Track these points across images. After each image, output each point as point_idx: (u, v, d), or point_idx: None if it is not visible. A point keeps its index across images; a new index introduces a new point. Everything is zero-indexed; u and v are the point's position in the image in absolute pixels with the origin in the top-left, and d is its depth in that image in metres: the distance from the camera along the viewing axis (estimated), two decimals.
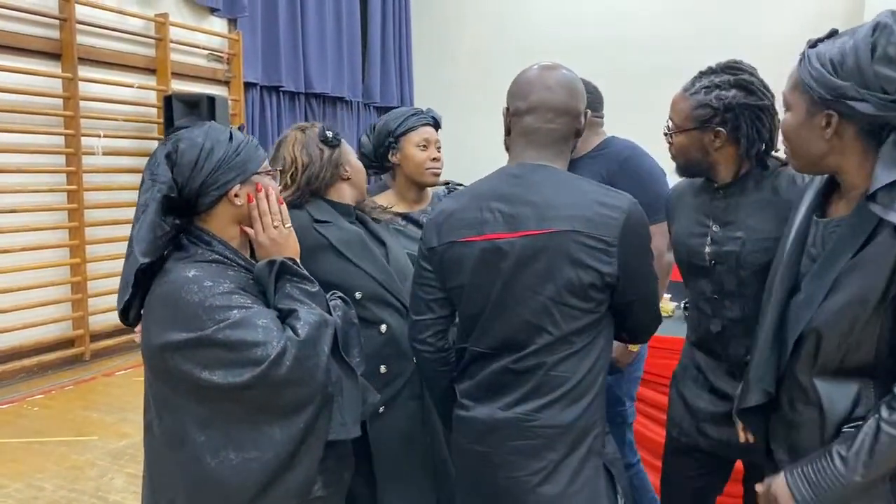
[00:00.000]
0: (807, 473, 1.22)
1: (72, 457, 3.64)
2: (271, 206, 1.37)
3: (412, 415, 1.75)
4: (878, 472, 1.16)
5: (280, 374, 1.23)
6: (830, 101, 1.18)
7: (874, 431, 1.15)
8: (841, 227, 1.25)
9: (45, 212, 5.07)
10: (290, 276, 1.35)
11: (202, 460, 1.26)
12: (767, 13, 7.32)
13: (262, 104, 7.01)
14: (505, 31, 8.72)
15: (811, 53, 1.22)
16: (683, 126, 1.65)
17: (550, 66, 1.50)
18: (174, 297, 1.27)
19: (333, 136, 1.81)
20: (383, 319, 1.71)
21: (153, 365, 1.32)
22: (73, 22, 5.05)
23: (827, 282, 1.21)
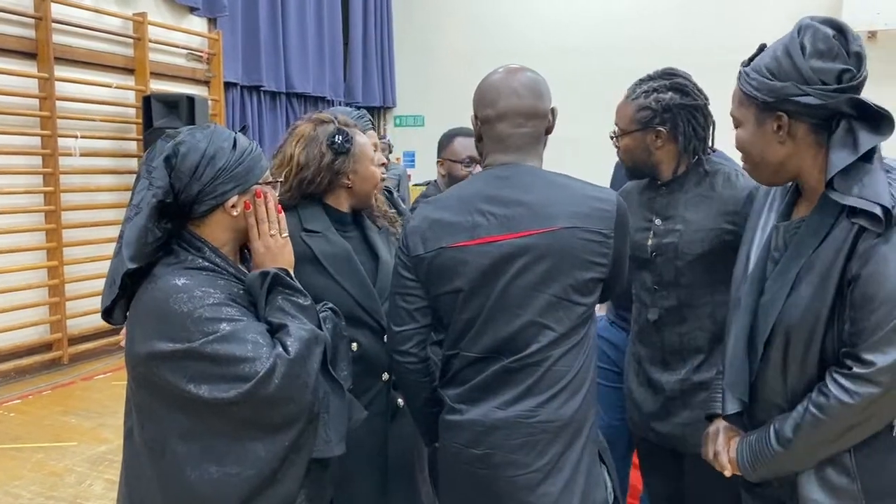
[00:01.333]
0: (751, 442, 1.33)
1: (49, 463, 3.58)
2: (269, 214, 1.34)
3: (374, 431, 1.72)
4: (801, 446, 1.24)
5: (268, 392, 1.20)
6: (777, 103, 1.23)
7: (804, 410, 1.24)
8: (801, 227, 1.29)
9: (21, 214, 5.00)
10: (282, 289, 1.31)
11: (182, 472, 1.23)
12: (747, 15, 7.40)
13: (243, 104, 6.97)
14: (486, 31, 8.74)
15: (747, 69, 1.30)
16: (628, 129, 1.77)
17: (514, 70, 1.50)
18: (162, 305, 1.24)
19: (343, 142, 1.70)
20: (355, 338, 1.66)
21: (137, 373, 1.28)
22: (48, 21, 4.98)
23: (788, 280, 1.25)
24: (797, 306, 1.24)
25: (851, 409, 1.18)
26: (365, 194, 1.77)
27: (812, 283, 1.22)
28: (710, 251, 1.69)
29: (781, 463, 1.28)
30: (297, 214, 1.70)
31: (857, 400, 1.18)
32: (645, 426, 1.83)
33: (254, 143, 1.37)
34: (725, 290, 1.71)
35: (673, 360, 1.77)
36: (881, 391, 1.16)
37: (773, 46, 1.28)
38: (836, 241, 1.20)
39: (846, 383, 1.19)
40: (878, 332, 1.16)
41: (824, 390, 1.21)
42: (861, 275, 1.17)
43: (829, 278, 1.20)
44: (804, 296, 1.23)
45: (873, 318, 1.16)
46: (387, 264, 1.76)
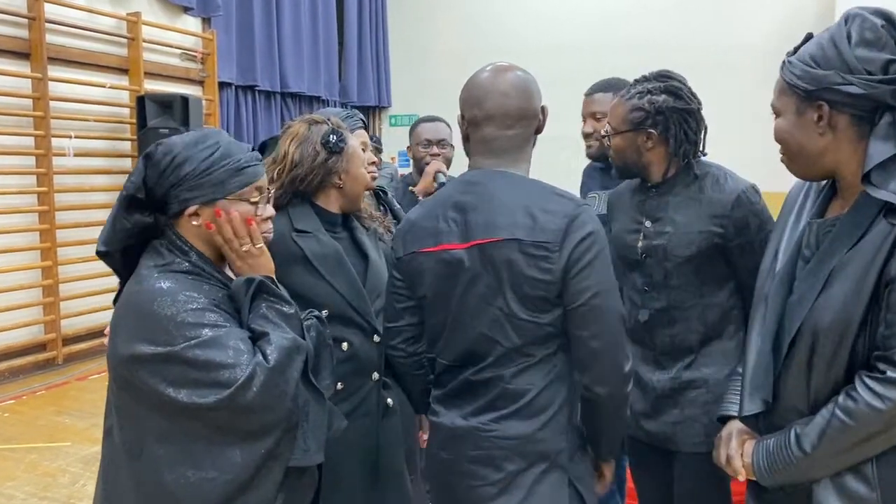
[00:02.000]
0: (768, 446, 1.28)
1: (43, 464, 3.59)
2: (237, 230, 1.33)
3: (365, 431, 1.74)
4: (824, 452, 1.19)
5: (246, 400, 1.21)
6: (819, 91, 1.20)
7: (830, 414, 1.19)
8: (836, 225, 1.25)
9: (14, 214, 4.99)
10: (266, 296, 1.32)
11: (159, 474, 1.24)
12: (741, 14, 7.42)
13: (238, 104, 6.96)
14: (480, 31, 8.74)
15: (791, 58, 1.26)
16: (620, 129, 1.78)
17: (502, 68, 1.46)
18: (146, 307, 1.25)
19: (337, 142, 1.72)
20: (346, 338, 1.68)
21: (118, 374, 1.29)
22: (42, 21, 4.97)
23: (820, 279, 1.21)
24: (828, 307, 1.19)
25: (882, 414, 1.14)
26: (355, 195, 1.78)
27: (845, 283, 1.18)
28: (697, 253, 1.70)
29: (801, 469, 1.23)
30: (288, 215, 1.71)
31: (888, 405, 1.14)
32: (635, 425, 1.84)
33: (241, 158, 1.33)
34: (714, 291, 1.73)
35: (664, 360, 1.78)
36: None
37: (820, 35, 1.24)
38: (875, 240, 1.16)
39: (878, 387, 1.15)
40: None
41: (853, 394, 1.17)
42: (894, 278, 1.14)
43: (866, 279, 1.15)
44: (836, 296, 1.18)
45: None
46: (375, 265, 1.78)
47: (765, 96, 3.68)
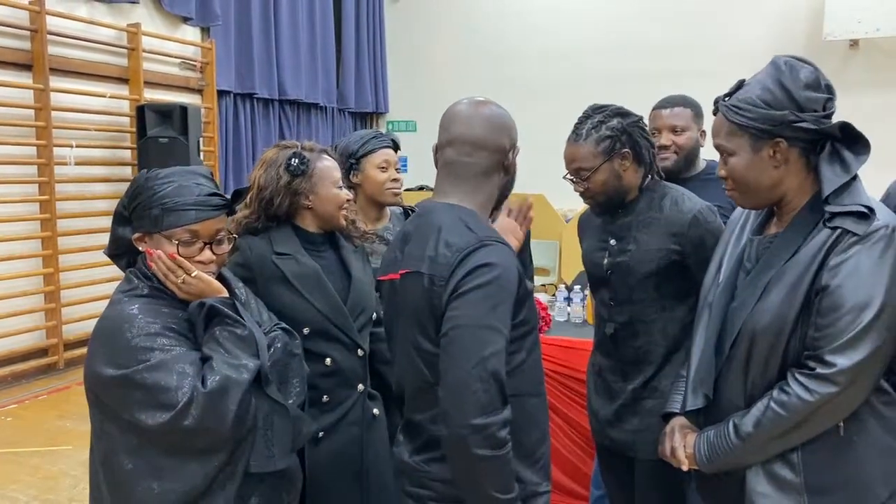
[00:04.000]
0: (709, 436, 1.43)
1: (45, 467, 3.68)
2: (168, 266, 1.40)
3: (352, 440, 1.83)
4: (758, 439, 1.34)
5: (186, 423, 1.31)
6: (776, 129, 1.34)
7: (765, 406, 1.33)
8: (774, 241, 1.40)
9: (17, 222, 5.08)
10: (220, 319, 1.41)
11: (129, 486, 1.36)
12: (730, 23, 7.51)
13: (236, 111, 7.06)
14: (478, 36, 8.82)
15: (734, 102, 1.39)
16: (595, 165, 1.83)
17: (479, 102, 1.46)
18: (115, 331, 1.36)
19: (298, 164, 1.80)
20: (328, 353, 1.78)
21: (90, 393, 1.41)
22: (44, 33, 5.07)
23: (759, 287, 1.36)
24: (765, 311, 1.34)
25: (809, 405, 1.29)
26: (328, 215, 1.85)
27: (781, 291, 1.33)
28: (657, 270, 1.80)
29: (738, 456, 1.37)
30: (269, 238, 1.80)
31: (815, 398, 1.28)
32: (602, 432, 1.94)
33: (179, 201, 1.40)
34: (675, 306, 1.83)
35: (629, 370, 1.88)
36: (838, 390, 1.27)
37: (759, 81, 1.37)
38: (808, 255, 1.32)
39: (808, 383, 1.29)
40: (842, 338, 1.27)
41: (786, 388, 1.31)
42: (830, 286, 1.28)
43: (799, 287, 1.31)
44: (773, 302, 1.34)
45: (839, 324, 1.27)
46: (359, 282, 1.86)
47: None
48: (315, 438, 1.77)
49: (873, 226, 1.28)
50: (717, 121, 1.43)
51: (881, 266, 1.27)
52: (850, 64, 7.01)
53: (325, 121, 8.45)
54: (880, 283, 1.27)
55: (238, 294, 1.53)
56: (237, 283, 1.59)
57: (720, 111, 1.42)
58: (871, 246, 1.27)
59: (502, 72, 8.54)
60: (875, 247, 1.27)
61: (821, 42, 6.87)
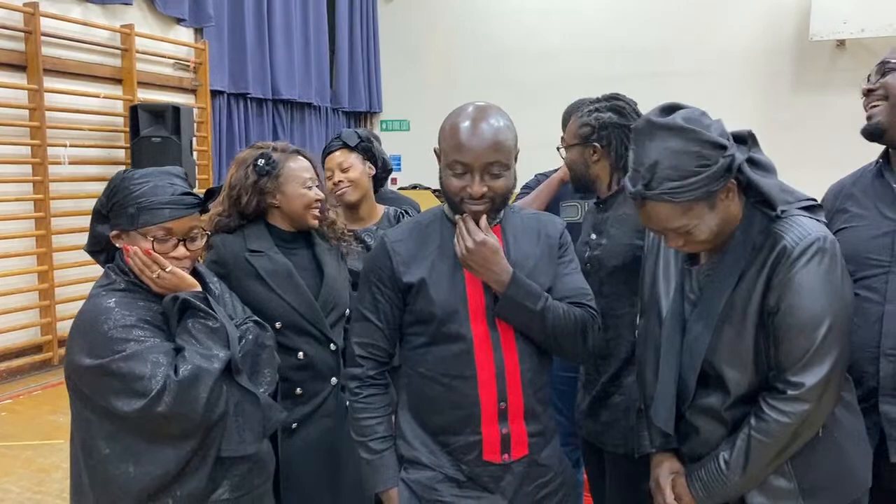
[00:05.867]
0: (701, 476, 1.40)
1: (38, 460, 3.76)
2: (144, 262, 1.48)
3: (325, 431, 1.89)
4: (753, 470, 1.33)
5: (160, 409, 1.38)
6: (725, 178, 1.29)
7: (747, 437, 1.33)
8: (714, 270, 1.39)
9: (11, 220, 5.16)
10: (192, 312, 1.49)
11: (106, 470, 1.44)
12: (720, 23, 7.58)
13: (230, 111, 7.13)
14: (471, 35, 8.89)
15: (670, 187, 1.27)
16: (570, 142, 1.95)
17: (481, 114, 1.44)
18: (92, 322, 1.43)
19: (265, 164, 1.86)
20: (300, 347, 1.85)
21: (69, 382, 1.49)
22: (38, 34, 5.15)
23: (712, 318, 1.36)
24: (725, 343, 1.34)
25: (790, 426, 1.30)
26: (296, 214, 1.91)
27: (734, 322, 1.33)
28: (623, 265, 1.83)
29: (737, 487, 1.37)
30: (243, 235, 1.87)
31: (792, 418, 1.29)
32: (579, 423, 2.00)
33: (154, 200, 1.47)
34: None
35: (601, 364, 1.90)
36: (812, 406, 1.29)
37: (672, 155, 1.27)
38: (751, 280, 1.31)
39: (781, 406, 1.30)
40: (804, 357, 1.28)
41: (762, 416, 1.32)
42: (780, 307, 1.29)
43: (749, 315, 1.32)
44: (729, 334, 1.34)
45: (797, 343, 1.28)
46: (331, 279, 1.92)
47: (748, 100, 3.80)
48: (289, 429, 1.84)
49: (806, 240, 1.29)
50: (660, 211, 1.31)
51: (823, 280, 1.29)
52: (837, 64, 7.09)
53: (319, 120, 8.52)
54: (825, 297, 1.28)
55: (212, 288, 1.60)
56: (211, 277, 1.66)
57: (658, 202, 1.30)
58: (807, 261, 1.28)
59: (495, 72, 8.61)
60: (812, 261, 1.28)
61: (807, 42, 6.95)
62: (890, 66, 1.59)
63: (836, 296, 1.30)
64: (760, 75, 7.47)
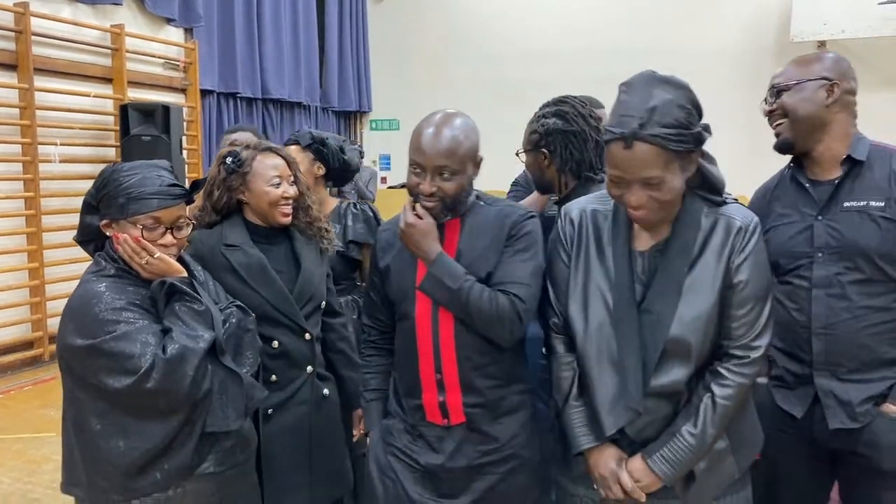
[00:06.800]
0: (665, 456, 1.44)
1: (29, 452, 3.82)
2: (133, 249, 1.55)
3: (300, 418, 1.96)
4: (715, 433, 1.44)
5: (149, 385, 1.45)
6: (701, 143, 1.40)
7: (711, 403, 1.42)
8: (666, 249, 1.47)
9: (2, 218, 5.22)
10: (178, 296, 1.57)
11: (97, 445, 1.52)
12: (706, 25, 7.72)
13: (220, 110, 7.20)
14: (460, 38, 8.99)
15: (664, 131, 1.32)
16: (525, 148, 2.04)
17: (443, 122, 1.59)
18: (84, 306, 1.51)
19: (232, 161, 1.93)
20: (275, 337, 1.91)
21: (61, 362, 1.56)
22: (28, 33, 5.21)
23: (673, 295, 1.44)
24: (692, 319, 1.42)
25: (745, 387, 1.44)
26: (262, 211, 1.96)
27: (700, 296, 1.42)
28: None
29: (699, 455, 1.44)
30: (221, 230, 1.95)
31: (750, 380, 1.44)
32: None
33: (143, 191, 1.54)
34: None
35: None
36: (760, 367, 1.45)
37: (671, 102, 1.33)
38: (712, 258, 1.42)
39: (742, 370, 1.43)
40: (759, 324, 1.43)
41: (724, 382, 1.43)
42: (739, 282, 1.42)
43: (714, 288, 1.42)
44: (696, 307, 1.42)
45: (753, 313, 1.42)
46: (309, 272, 1.99)
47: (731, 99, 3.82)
48: (265, 415, 1.92)
49: (753, 220, 1.44)
50: (645, 154, 1.34)
51: (764, 259, 1.46)
52: None
53: (309, 120, 8.59)
54: (767, 274, 1.46)
55: (196, 275, 1.68)
56: (196, 265, 1.74)
57: (649, 142, 1.33)
58: (757, 239, 1.44)
59: (483, 72, 8.72)
60: (760, 239, 1.45)
61: (789, 43, 7.08)
62: (780, 87, 1.77)
63: (770, 273, 1.48)
64: (743, 75, 7.59)
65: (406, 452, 1.68)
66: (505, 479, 1.64)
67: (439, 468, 1.63)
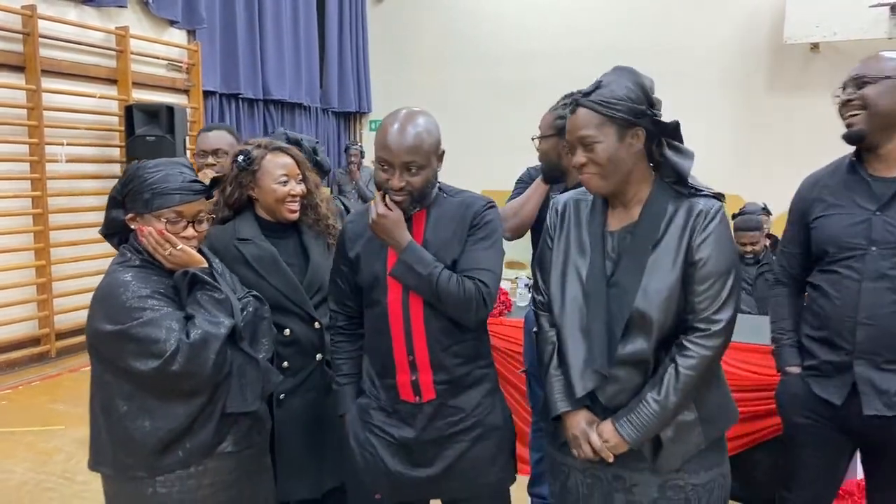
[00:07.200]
0: (632, 421, 1.56)
1: (40, 444, 3.92)
2: (157, 241, 1.66)
3: (312, 403, 2.08)
4: (679, 401, 1.54)
5: (173, 368, 1.56)
6: (639, 120, 1.57)
7: (675, 373, 1.53)
8: (635, 231, 1.61)
9: (10, 217, 5.32)
10: (200, 285, 1.68)
11: (124, 425, 1.63)
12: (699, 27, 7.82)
13: (222, 111, 7.30)
14: (459, 39, 9.08)
15: (602, 98, 1.55)
16: (546, 133, 2.13)
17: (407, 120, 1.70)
18: (111, 294, 1.62)
19: (243, 160, 2.04)
20: (287, 325, 2.02)
21: (90, 347, 1.67)
22: (36, 36, 5.30)
23: (639, 271, 1.58)
24: (654, 292, 1.56)
25: (708, 358, 1.54)
26: (270, 207, 2.08)
27: (662, 271, 1.56)
28: None
29: (663, 423, 1.55)
30: (234, 225, 2.06)
31: (712, 351, 1.54)
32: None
33: (167, 186, 1.65)
34: None
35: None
36: (723, 340, 1.56)
37: (618, 82, 1.56)
38: (674, 237, 1.56)
39: (703, 342, 1.54)
40: (720, 299, 1.54)
41: (687, 353, 1.54)
42: (702, 258, 1.54)
43: (676, 265, 1.55)
44: (657, 281, 1.55)
45: (714, 288, 1.54)
46: (317, 265, 2.10)
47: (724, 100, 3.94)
48: (278, 400, 2.03)
49: (715, 206, 1.58)
50: (583, 115, 1.57)
51: (727, 237, 1.58)
52: (811, 66, 7.33)
53: (309, 120, 8.70)
54: (731, 251, 1.59)
55: (215, 266, 1.79)
56: (213, 258, 1.84)
57: (586, 107, 1.56)
58: (718, 222, 1.56)
59: (481, 73, 8.82)
60: (721, 222, 1.57)
61: (782, 45, 7.19)
62: (866, 79, 1.83)
63: (735, 251, 1.61)
64: (736, 77, 7.70)
65: (382, 428, 1.81)
66: (473, 445, 1.79)
67: (413, 441, 1.77)
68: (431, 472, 1.78)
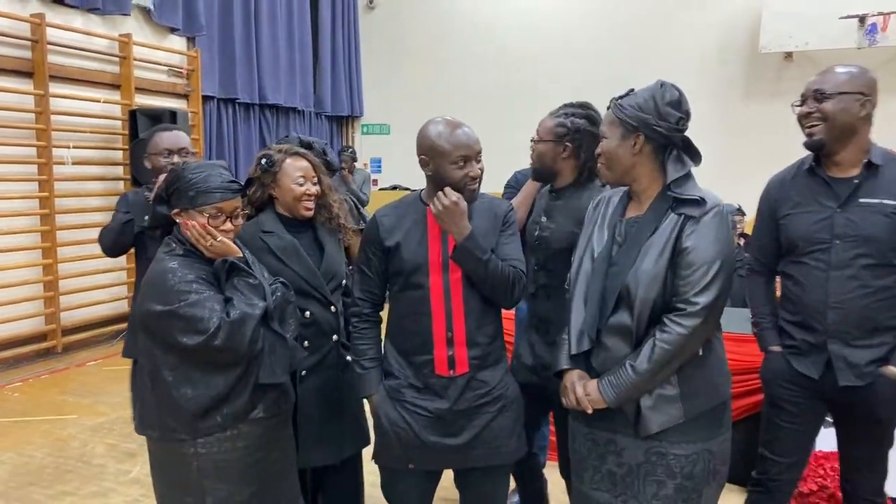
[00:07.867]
0: (611, 381, 1.77)
1: (55, 431, 4.12)
2: (199, 233, 1.88)
3: (329, 379, 2.30)
4: (652, 370, 1.71)
5: (216, 342, 1.77)
6: (640, 127, 1.80)
7: (652, 345, 1.71)
8: (639, 221, 1.85)
9: (18, 217, 5.51)
10: (237, 272, 1.89)
11: (169, 393, 1.84)
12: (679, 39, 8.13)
13: (220, 115, 7.52)
14: (449, 44, 9.31)
15: (621, 102, 1.84)
16: (544, 138, 2.32)
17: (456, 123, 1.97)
18: (160, 278, 1.85)
19: (266, 162, 2.26)
20: (307, 308, 2.24)
21: (141, 324, 1.90)
22: (44, 43, 5.51)
23: (633, 255, 1.81)
24: (642, 272, 1.74)
25: (684, 337, 1.69)
26: (288, 205, 2.31)
27: (652, 255, 1.77)
28: (566, 248, 2.17)
29: (638, 389, 1.73)
30: (257, 220, 2.30)
31: (688, 330, 1.69)
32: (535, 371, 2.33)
33: (209, 185, 1.87)
34: None
35: (543, 327, 2.29)
36: (701, 321, 1.70)
37: (642, 91, 1.80)
38: (667, 228, 1.78)
39: (680, 320, 1.70)
40: (701, 283, 1.71)
41: (665, 329, 1.71)
42: (686, 247, 1.72)
43: (665, 252, 1.77)
44: (647, 263, 1.74)
45: (696, 274, 1.71)
46: (330, 255, 2.35)
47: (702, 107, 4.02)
48: (300, 376, 2.27)
49: (706, 207, 1.78)
50: (606, 113, 1.85)
51: (717, 234, 1.77)
52: (785, 74, 7.66)
53: (303, 124, 8.91)
54: (719, 244, 1.74)
55: (248, 257, 2.03)
56: (244, 249, 2.09)
57: (609, 107, 1.84)
58: (708, 220, 1.77)
59: (472, 78, 9.06)
60: (712, 221, 1.77)
61: (757, 54, 7.52)
62: (824, 94, 2.04)
63: (727, 246, 1.80)
64: (714, 84, 8.02)
65: (414, 403, 2.00)
66: (497, 416, 2.02)
67: (447, 411, 1.98)
68: (460, 441, 1.98)
